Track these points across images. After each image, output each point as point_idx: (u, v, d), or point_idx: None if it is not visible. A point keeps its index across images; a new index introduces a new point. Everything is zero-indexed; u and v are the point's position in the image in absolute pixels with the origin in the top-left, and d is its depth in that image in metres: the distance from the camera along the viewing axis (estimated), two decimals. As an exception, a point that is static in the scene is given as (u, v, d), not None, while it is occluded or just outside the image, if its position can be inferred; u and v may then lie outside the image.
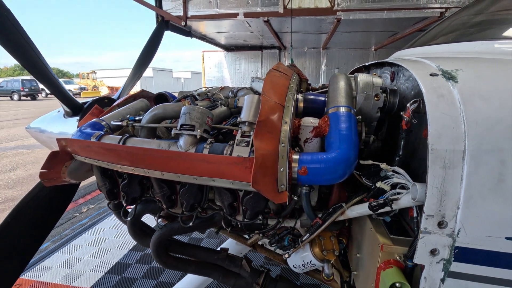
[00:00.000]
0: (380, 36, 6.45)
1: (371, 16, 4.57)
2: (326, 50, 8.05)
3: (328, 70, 8.22)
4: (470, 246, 0.59)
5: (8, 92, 26.31)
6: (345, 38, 6.62)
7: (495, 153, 0.56)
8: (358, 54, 8.02)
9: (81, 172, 1.07)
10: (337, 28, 5.25)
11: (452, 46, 0.92)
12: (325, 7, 4.64)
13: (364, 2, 4.54)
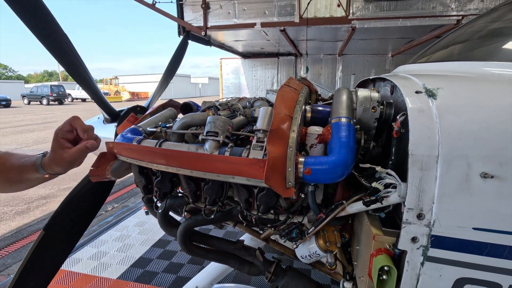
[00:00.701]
0: (397, 42, 6.46)
1: (386, 25, 4.64)
2: (342, 56, 8.11)
3: (344, 77, 8.27)
4: (443, 234, 0.72)
5: (38, 97, 27.97)
6: (361, 45, 6.68)
7: (462, 158, 0.68)
8: (375, 60, 8.02)
9: (120, 170, 1.26)
10: (353, 36, 5.34)
11: (443, 65, 1.03)
12: (340, 16, 4.76)
13: (379, 11, 4.63)
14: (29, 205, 4.47)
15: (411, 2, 4.53)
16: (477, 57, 0.97)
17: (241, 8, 5.06)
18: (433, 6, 4.47)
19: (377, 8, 4.62)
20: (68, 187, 5.15)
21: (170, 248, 3.23)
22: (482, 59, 0.93)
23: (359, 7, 4.65)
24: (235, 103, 1.42)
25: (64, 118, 0.96)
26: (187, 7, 5.31)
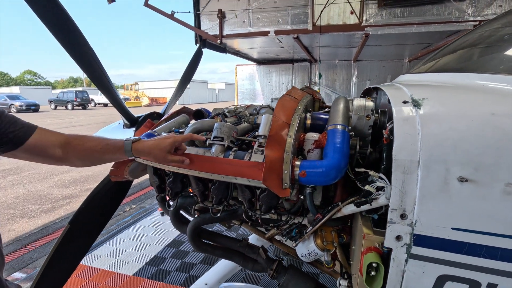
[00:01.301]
0: (413, 48, 6.39)
1: (400, 31, 4.63)
2: (357, 62, 8.09)
3: (359, 82, 8.23)
4: (424, 233, 0.78)
5: (64, 102, 29.39)
6: (377, 51, 6.65)
7: (441, 163, 0.75)
8: (391, 65, 7.94)
9: (137, 171, 1.39)
10: (367, 42, 5.36)
11: (437, 76, 1.09)
12: (353, 23, 4.80)
13: (392, 18, 4.63)
14: (54, 204, 4.75)
15: (425, 8, 4.50)
16: (467, 69, 1.02)
17: (255, 17, 5.21)
18: (448, 12, 4.43)
19: (391, 15, 4.63)
20: (90, 187, 5.43)
21: (183, 248, 3.35)
22: (471, 71, 0.98)
23: (373, 14, 4.67)
24: (242, 110, 1.52)
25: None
26: (204, 17, 5.53)
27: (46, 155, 0.96)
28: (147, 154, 1.07)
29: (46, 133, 0.97)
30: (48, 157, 0.97)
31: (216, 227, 3.55)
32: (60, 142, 0.98)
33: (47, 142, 0.96)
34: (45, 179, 6.07)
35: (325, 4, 4.76)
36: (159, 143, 1.06)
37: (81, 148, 1.02)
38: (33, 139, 0.92)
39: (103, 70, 1.61)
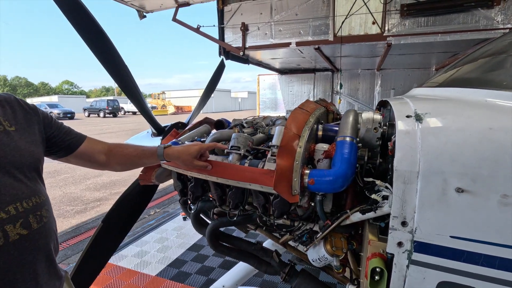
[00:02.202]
0: (440, 56, 6.23)
1: (423, 40, 4.56)
2: (381, 71, 7.97)
3: (383, 91, 8.08)
4: (424, 241, 0.82)
5: (96, 110, 31.19)
6: (401, 60, 6.54)
7: (439, 174, 0.80)
8: (417, 74, 7.75)
9: (163, 176, 1.53)
10: (390, 51, 5.31)
11: (443, 90, 1.13)
12: (375, 33, 4.80)
13: (416, 27, 4.58)
14: (86, 206, 5.09)
15: (451, 17, 4.41)
16: (473, 84, 1.05)
17: (277, 29, 5.36)
18: (476, 20, 4.31)
19: (414, 24, 4.58)
20: (118, 191, 5.76)
21: (203, 252, 3.47)
22: (477, 86, 1.01)
23: (395, 24, 4.65)
24: (259, 121, 1.63)
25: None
26: (228, 30, 5.77)
27: (92, 160, 1.13)
28: (176, 158, 1.20)
29: (94, 142, 1.14)
30: (94, 162, 1.14)
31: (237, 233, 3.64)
32: (104, 150, 1.15)
33: (94, 150, 1.12)
34: (79, 183, 6.51)
35: (346, 15, 4.81)
36: (187, 149, 1.19)
37: (121, 154, 1.18)
38: (83, 147, 1.09)
39: (133, 81, 1.75)
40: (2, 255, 0.78)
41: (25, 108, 0.96)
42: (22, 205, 0.83)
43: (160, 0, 5.39)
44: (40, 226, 0.87)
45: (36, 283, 0.86)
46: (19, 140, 0.88)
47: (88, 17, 1.39)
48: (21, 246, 0.81)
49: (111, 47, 1.54)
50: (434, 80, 1.33)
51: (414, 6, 4.51)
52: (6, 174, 0.81)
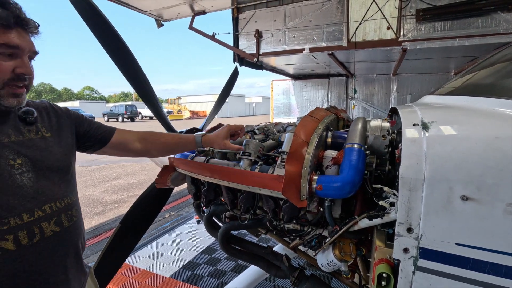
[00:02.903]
0: (459, 60, 6.08)
1: (440, 45, 4.49)
2: (397, 76, 7.85)
3: (399, 97, 7.95)
4: (430, 247, 0.84)
5: (115, 115, 32.20)
6: (418, 64, 6.44)
7: (444, 182, 0.81)
8: (435, 79, 7.58)
9: (178, 180, 1.60)
10: (406, 56, 5.25)
11: (451, 98, 1.13)
12: (390, 38, 4.76)
13: (432, 32, 4.51)
14: (105, 207, 5.27)
15: (469, 21, 4.32)
16: (482, 93, 1.05)
17: (291, 35, 5.42)
18: (495, 23, 4.20)
19: (430, 29, 4.52)
20: (135, 194, 5.94)
21: (216, 256, 3.52)
22: (486, 95, 1.01)
23: (410, 29, 4.60)
24: (270, 128, 1.67)
25: None
26: (242, 37, 5.89)
27: (127, 149, 1.23)
28: (211, 144, 1.29)
29: (124, 133, 1.24)
30: (129, 151, 1.24)
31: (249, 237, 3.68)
32: (138, 138, 1.24)
33: (126, 140, 1.22)
34: (98, 185, 6.75)
35: (361, 20, 4.80)
36: (218, 134, 1.28)
37: (158, 142, 1.28)
38: (115, 138, 1.19)
39: (150, 87, 1.82)
40: (38, 249, 0.87)
41: (58, 113, 1.06)
42: (56, 205, 0.92)
43: (177, 9, 5.58)
44: (70, 224, 0.96)
45: (66, 276, 0.94)
46: (54, 146, 0.97)
47: (109, 28, 1.49)
48: (54, 241, 0.90)
49: (130, 56, 1.63)
50: (445, 88, 1.33)
51: (430, 11, 4.45)
52: (43, 177, 0.90)
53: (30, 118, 0.95)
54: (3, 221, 0.80)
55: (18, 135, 0.90)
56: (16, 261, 0.83)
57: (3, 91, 0.84)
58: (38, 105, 1.03)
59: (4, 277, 0.81)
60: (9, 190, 0.83)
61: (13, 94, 0.86)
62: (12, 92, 0.86)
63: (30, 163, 0.89)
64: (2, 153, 0.84)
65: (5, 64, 0.83)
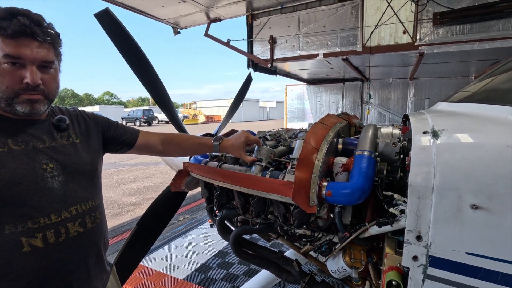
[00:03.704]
0: (479, 64, 5.90)
1: (459, 49, 4.37)
2: (414, 80, 7.70)
3: (416, 101, 7.78)
4: (439, 256, 0.83)
5: (133, 119, 33.11)
6: (436, 68, 6.29)
7: (454, 190, 0.81)
8: (454, 83, 7.37)
9: (191, 184, 1.65)
10: (423, 60, 5.15)
11: (464, 106, 1.12)
12: (406, 42, 4.69)
13: (450, 35, 4.41)
14: (122, 209, 5.43)
15: (490, 24, 4.20)
16: (496, 101, 1.04)
17: (305, 41, 5.44)
18: (518, 26, 4.06)
19: (448, 32, 4.42)
20: (151, 197, 6.08)
21: (229, 260, 3.55)
22: (500, 103, 1.00)
23: (427, 33, 4.52)
24: (282, 134, 1.70)
25: None
26: (256, 43, 5.96)
27: (151, 150, 1.32)
28: (228, 151, 1.35)
29: (148, 135, 1.32)
30: (152, 151, 1.33)
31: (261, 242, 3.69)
32: (161, 140, 1.31)
33: (150, 142, 1.30)
34: (115, 188, 6.96)
35: (376, 25, 4.76)
36: (234, 143, 1.32)
37: (179, 146, 1.35)
38: (139, 141, 1.27)
39: (166, 94, 1.90)
40: (63, 248, 0.93)
41: (86, 120, 1.14)
42: (81, 207, 0.99)
43: (193, 17, 5.73)
44: (93, 226, 1.02)
45: (88, 275, 1.01)
46: (82, 151, 1.05)
47: (130, 41, 1.58)
48: (78, 241, 0.97)
49: (148, 65, 1.72)
50: (458, 95, 1.32)
51: (448, 14, 4.36)
52: (72, 180, 0.98)
53: (63, 125, 1.02)
54: (34, 220, 0.87)
55: (51, 141, 0.98)
56: (43, 257, 0.89)
57: (17, 99, 0.88)
58: (70, 112, 1.12)
59: (33, 272, 0.88)
60: (41, 192, 0.90)
61: (28, 100, 0.89)
62: (27, 98, 0.89)
63: (61, 167, 0.96)
64: (37, 158, 0.91)
65: (14, 74, 0.86)
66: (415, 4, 4.46)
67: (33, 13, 0.89)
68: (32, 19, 0.87)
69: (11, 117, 0.92)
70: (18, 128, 0.92)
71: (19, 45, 0.85)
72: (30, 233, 0.87)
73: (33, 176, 0.89)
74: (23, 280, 0.87)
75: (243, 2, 5.27)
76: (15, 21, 0.83)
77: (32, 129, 0.95)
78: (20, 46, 0.85)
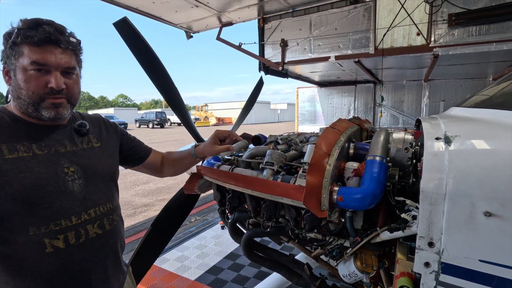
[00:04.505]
0: (498, 65, 5.73)
1: (475, 50, 4.27)
2: (429, 82, 7.53)
3: (431, 104, 7.61)
4: (452, 263, 0.83)
5: (146, 121, 33.72)
6: (451, 70, 6.15)
7: (466, 197, 0.81)
8: (471, 85, 7.17)
9: (204, 187, 1.68)
10: (438, 62, 5.05)
11: (478, 112, 1.10)
12: (420, 44, 4.61)
13: (466, 36, 4.31)
14: (135, 210, 5.55)
15: (508, 24, 4.08)
16: (508, 106, 1.03)
17: (316, 43, 5.43)
18: (539, 26, 3.94)
19: (464, 34, 4.32)
20: (164, 198, 6.19)
21: (239, 262, 3.57)
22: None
23: (442, 34, 4.44)
24: (293, 138, 1.71)
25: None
26: (268, 46, 5.99)
27: (155, 170, 1.36)
28: (203, 153, 1.35)
29: (156, 155, 1.37)
30: (154, 171, 1.37)
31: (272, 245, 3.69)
32: (161, 162, 1.36)
33: (157, 161, 1.35)
34: (129, 188, 7.12)
35: (389, 27, 4.71)
36: (206, 142, 1.35)
37: (168, 160, 1.39)
38: (149, 158, 1.33)
39: (180, 97, 1.95)
40: (83, 249, 0.97)
41: (107, 126, 1.20)
42: (100, 210, 1.03)
43: (205, 21, 5.82)
44: (111, 228, 1.06)
45: (106, 275, 1.05)
46: (101, 155, 1.10)
47: (146, 48, 1.63)
48: (96, 243, 1.01)
49: (163, 70, 1.77)
50: (472, 100, 1.30)
51: (464, 15, 4.26)
52: (91, 183, 1.02)
53: (83, 130, 1.08)
54: (56, 222, 0.92)
55: (72, 146, 1.03)
56: (65, 258, 0.94)
57: (43, 103, 0.93)
58: (91, 118, 1.18)
59: (54, 272, 0.93)
60: (63, 195, 0.94)
61: (52, 105, 0.94)
62: (52, 102, 0.94)
63: (81, 170, 1.01)
64: (59, 162, 0.96)
65: (39, 80, 0.91)
66: (429, 5, 4.39)
67: (56, 23, 0.95)
68: (56, 28, 0.93)
69: (35, 122, 0.98)
70: (42, 134, 0.98)
71: (45, 52, 0.91)
72: (53, 234, 0.91)
73: (55, 180, 0.94)
74: (46, 280, 0.92)
75: (254, 6, 5.32)
76: (40, 29, 0.89)
77: (55, 134, 1.01)
78: (45, 53, 0.91)
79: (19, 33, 0.88)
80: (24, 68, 0.90)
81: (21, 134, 0.94)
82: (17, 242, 0.88)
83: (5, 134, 0.91)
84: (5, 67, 0.94)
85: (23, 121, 0.96)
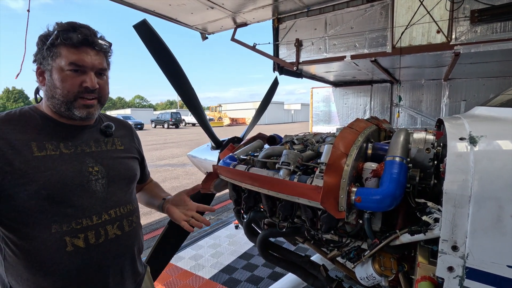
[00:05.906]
0: (524, 63, 5.47)
1: (500, 48, 4.10)
2: (449, 81, 7.28)
3: (451, 103, 7.35)
4: (477, 268, 0.80)
5: (162, 121, 34.36)
6: (473, 69, 5.92)
7: (493, 200, 0.78)
8: (494, 84, 6.88)
9: (220, 186, 1.70)
10: (459, 60, 4.88)
11: (505, 111, 1.06)
12: (440, 42, 4.47)
13: (490, 34, 4.14)
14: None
15: (537, 20, 3.89)
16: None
17: (331, 43, 5.37)
18: None
19: (488, 31, 4.15)
20: (178, 197, 6.27)
21: (253, 262, 3.58)
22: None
23: (464, 31, 4.28)
24: (309, 138, 1.70)
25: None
26: (282, 46, 5.98)
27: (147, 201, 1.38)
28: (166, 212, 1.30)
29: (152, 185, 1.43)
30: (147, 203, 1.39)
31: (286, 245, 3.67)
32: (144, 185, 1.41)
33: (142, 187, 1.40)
34: (146, 187, 7.26)
35: (407, 25, 4.59)
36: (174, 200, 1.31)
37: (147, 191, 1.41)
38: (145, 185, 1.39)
39: (196, 98, 1.98)
40: (102, 249, 0.98)
41: (131, 132, 1.25)
42: (120, 210, 1.05)
43: (220, 23, 5.87)
44: (130, 229, 1.08)
45: (121, 276, 1.06)
46: (125, 157, 1.13)
47: (163, 46, 1.67)
48: (115, 243, 1.02)
49: (179, 70, 1.80)
50: (498, 99, 1.25)
51: (487, 11, 4.10)
52: (113, 184, 1.05)
53: (109, 131, 1.11)
54: (77, 221, 0.94)
55: (97, 146, 1.06)
56: (84, 257, 0.95)
57: (75, 102, 0.97)
58: (119, 121, 1.23)
59: (74, 271, 0.94)
60: (86, 194, 0.97)
61: (84, 105, 0.98)
62: (83, 103, 0.98)
63: (105, 170, 1.03)
64: (84, 161, 0.99)
65: (75, 79, 0.95)
66: (450, 2, 4.24)
67: (89, 27, 1.00)
68: (91, 31, 0.98)
69: (65, 122, 1.01)
70: (69, 133, 1.01)
71: (81, 53, 0.95)
72: (74, 233, 0.93)
73: (79, 178, 0.96)
74: (65, 278, 0.93)
75: (269, 7, 5.31)
76: (78, 32, 0.94)
77: (82, 134, 1.04)
78: (82, 55, 0.95)
79: (59, 35, 0.92)
80: (61, 69, 0.93)
81: (50, 132, 0.97)
82: (39, 238, 0.90)
83: (35, 132, 0.94)
84: (40, 68, 0.97)
85: (53, 120, 1.00)
